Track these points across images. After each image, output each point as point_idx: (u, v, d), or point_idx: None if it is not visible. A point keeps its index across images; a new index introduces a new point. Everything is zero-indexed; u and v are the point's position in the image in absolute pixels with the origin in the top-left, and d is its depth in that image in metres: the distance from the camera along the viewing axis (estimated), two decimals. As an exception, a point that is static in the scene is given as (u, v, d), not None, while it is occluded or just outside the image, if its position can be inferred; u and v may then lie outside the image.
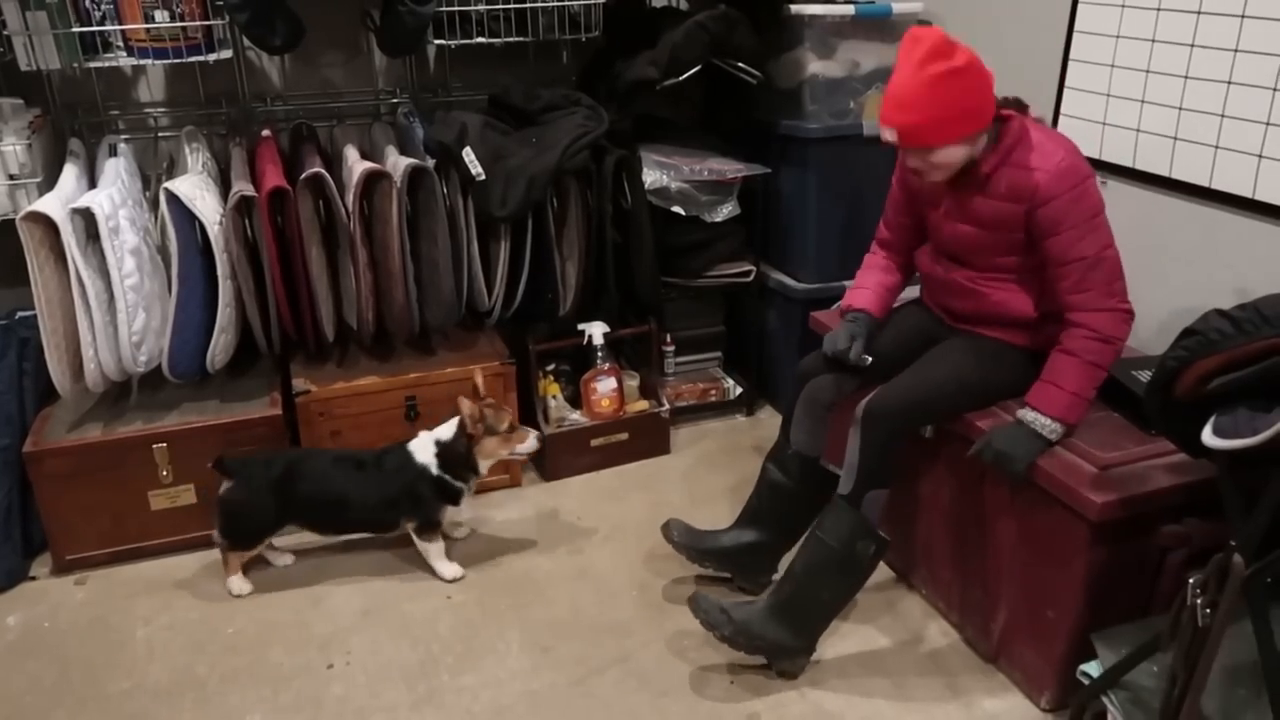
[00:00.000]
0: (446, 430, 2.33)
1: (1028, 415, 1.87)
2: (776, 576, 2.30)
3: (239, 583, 2.34)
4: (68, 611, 2.29)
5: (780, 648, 2.02)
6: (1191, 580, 1.44)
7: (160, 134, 2.87)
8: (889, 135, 1.86)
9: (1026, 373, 1.93)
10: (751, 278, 3.00)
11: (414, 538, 2.38)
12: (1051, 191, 1.82)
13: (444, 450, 2.31)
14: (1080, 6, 2.33)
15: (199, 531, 2.48)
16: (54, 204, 2.16)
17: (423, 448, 2.33)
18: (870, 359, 2.09)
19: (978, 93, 1.81)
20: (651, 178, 2.79)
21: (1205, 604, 1.41)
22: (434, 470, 2.31)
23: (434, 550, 2.39)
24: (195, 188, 2.33)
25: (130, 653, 2.16)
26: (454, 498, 2.35)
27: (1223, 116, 2.02)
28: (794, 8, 2.77)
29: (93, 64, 2.49)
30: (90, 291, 2.20)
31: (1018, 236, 1.90)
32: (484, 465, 2.35)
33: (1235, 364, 1.42)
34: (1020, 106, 1.95)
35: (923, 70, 1.77)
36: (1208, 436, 1.42)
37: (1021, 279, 1.96)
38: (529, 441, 2.35)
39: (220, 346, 2.42)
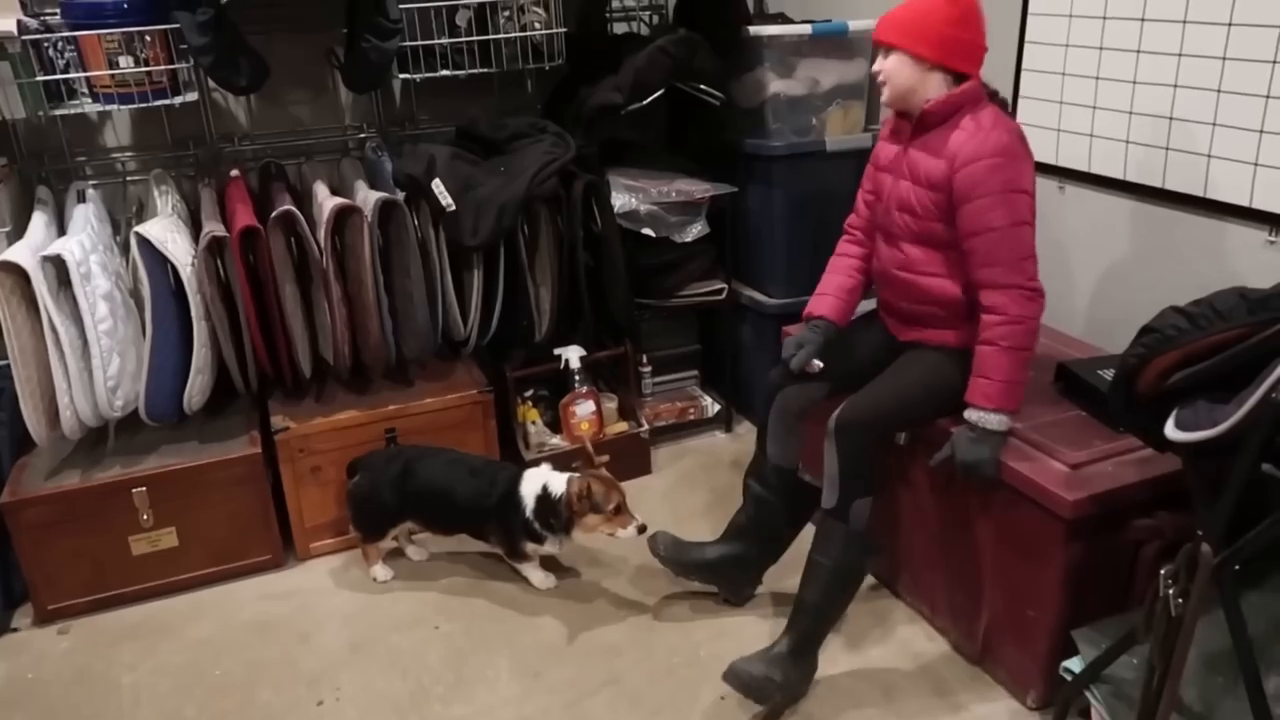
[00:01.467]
0: (558, 484, 2.29)
1: (973, 415, 1.91)
2: (761, 589, 2.35)
3: (380, 570, 2.50)
4: (52, 662, 2.27)
5: (804, 680, 2.05)
6: (1163, 571, 1.47)
7: (128, 178, 2.87)
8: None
9: None
10: (724, 295, 3.03)
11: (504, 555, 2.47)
12: (972, 155, 1.86)
13: (543, 501, 2.29)
14: (1030, 18, 2.39)
15: (182, 574, 2.48)
16: (24, 253, 2.16)
17: (530, 484, 2.32)
18: (820, 364, 2.11)
19: (939, 19, 1.88)
20: (620, 201, 2.82)
21: (1177, 594, 1.44)
22: (528, 512, 2.30)
23: (526, 568, 2.46)
24: (166, 230, 2.34)
25: (116, 701, 2.14)
26: (536, 539, 2.34)
27: (1171, 119, 2.08)
28: (753, 29, 2.82)
29: (58, 111, 2.49)
30: (64, 339, 2.20)
31: (942, 199, 1.93)
32: (579, 536, 2.33)
33: (1193, 358, 1.47)
34: (997, 99, 1.99)
35: None
36: (1170, 430, 1.45)
37: (949, 258, 1.98)
38: (629, 530, 2.26)
39: (197, 387, 2.42)
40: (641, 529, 2.27)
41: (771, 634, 2.09)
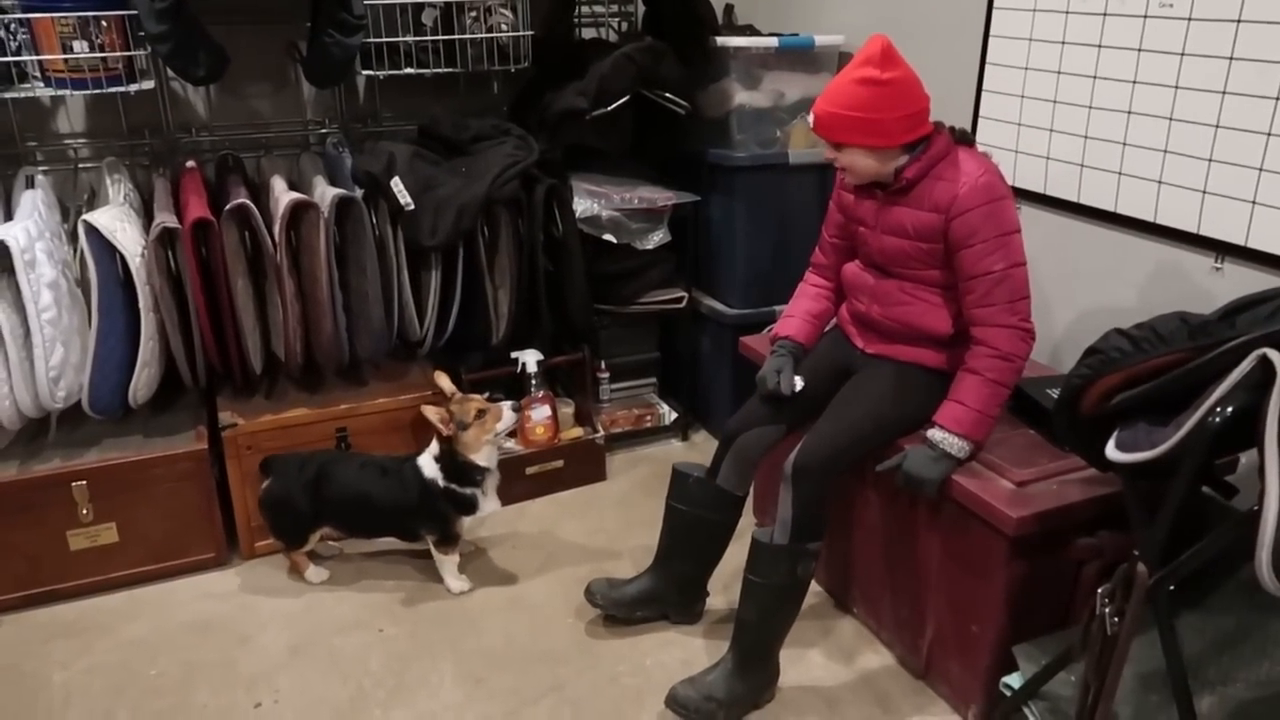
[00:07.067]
0: (435, 443, 2.36)
1: (936, 435, 1.91)
2: (709, 595, 2.33)
3: (313, 573, 2.47)
4: (-20, 658, 2.21)
5: (759, 690, 2.04)
6: (1100, 590, 1.48)
7: (81, 165, 2.81)
8: (810, 119, 1.97)
9: (939, 394, 1.97)
10: (683, 304, 3.03)
11: (431, 550, 2.43)
12: (967, 204, 1.87)
13: (442, 462, 2.34)
14: (991, 40, 2.42)
15: (121, 571, 2.43)
16: (-35, 238, 2.11)
17: (428, 463, 2.36)
18: (802, 383, 2.11)
19: (888, 110, 1.86)
20: (582, 206, 2.81)
21: (1113, 613, 1.45)
22: (441, 483, 2.34)
23: (448, 563, 2.44)
24: (115, 219, 2.29)
25: (46, 700, 2.08)
26: (468, 507, 2.37)
27: (1125, 145, 2.11)
28: (720, 40, 2.83)
29: (8, 95, 2.44)
30: (4, 327, 2.15)
31: (938, 248, 1.94)
32: (482, 459, 2.33)
33: (1135, 380, 1.49)
34: (965, 138, 2.00)
35: (854, 70, 1.88)
36: (1111, 451, 1.47)
37: (945, 295, 2.00)
38: (505, 418, 2.33)
39: (143, 381, 2.37)
40: (516, 408, 2.35)
41: (718, 641, 2.09)
